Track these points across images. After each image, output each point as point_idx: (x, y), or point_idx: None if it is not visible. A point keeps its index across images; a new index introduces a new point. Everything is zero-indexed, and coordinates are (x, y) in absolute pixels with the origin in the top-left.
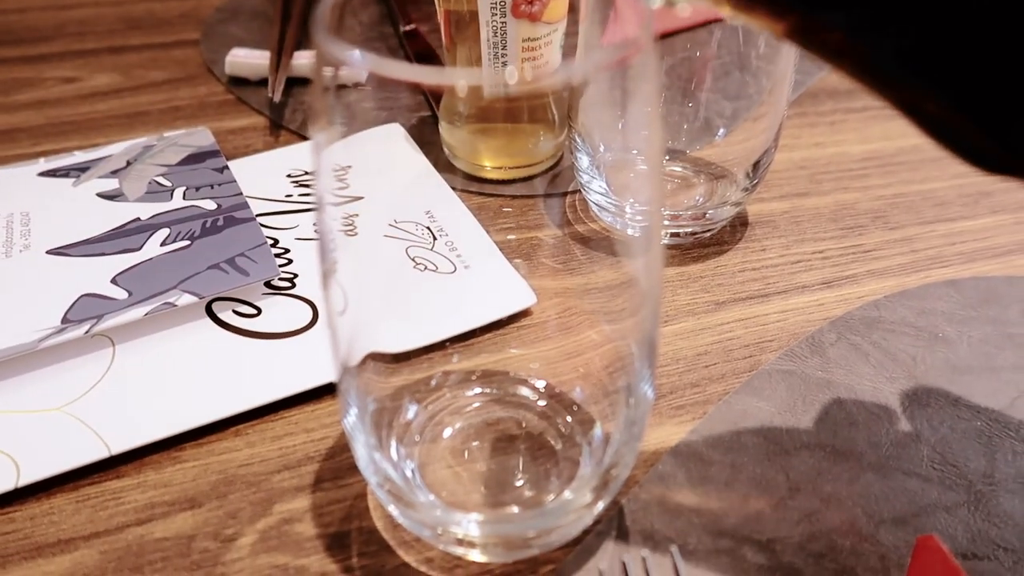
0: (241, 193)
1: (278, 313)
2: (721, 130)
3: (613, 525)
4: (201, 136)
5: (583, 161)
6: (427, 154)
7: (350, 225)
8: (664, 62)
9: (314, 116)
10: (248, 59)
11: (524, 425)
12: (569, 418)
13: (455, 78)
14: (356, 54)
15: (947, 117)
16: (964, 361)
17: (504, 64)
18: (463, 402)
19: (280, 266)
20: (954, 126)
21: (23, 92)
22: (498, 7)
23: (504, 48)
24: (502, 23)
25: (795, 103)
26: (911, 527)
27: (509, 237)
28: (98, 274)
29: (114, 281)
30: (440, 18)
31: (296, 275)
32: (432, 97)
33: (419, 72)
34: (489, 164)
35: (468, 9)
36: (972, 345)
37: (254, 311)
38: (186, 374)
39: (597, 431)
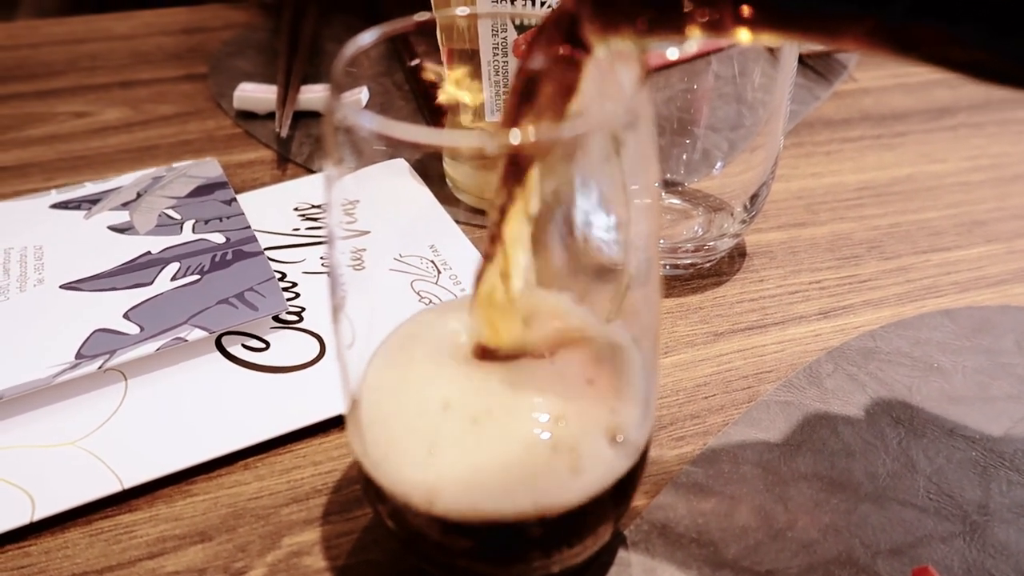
0: (249, 227)
1: (286, 347)
2: (719, 162)
3: (615, 556)
4: (209, 167)
5: None
6: (431, 188)
7: (358, 259)
8: (661, 95)
9: (326, 154)
10: (256, 93)
11: None
12: None
13: (459, 141)
14: (366, 115)
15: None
16: (959, 391)
17: None
18: None
19: (288, 300)
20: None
21: (35, 127)
22: (499, 47)
23: (506, 86)
24: (504, 62)
25: (791, 133)
26: (908, 558)
27: None
28: (111, 309)
29: (126, 316)
30: (443, 56)
31: (303, 308)
32: None
33: (425, 134)
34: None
35: (470, 48)
36: (967, 375)
37: (263, 345)
38: (196, 408)
39: None
